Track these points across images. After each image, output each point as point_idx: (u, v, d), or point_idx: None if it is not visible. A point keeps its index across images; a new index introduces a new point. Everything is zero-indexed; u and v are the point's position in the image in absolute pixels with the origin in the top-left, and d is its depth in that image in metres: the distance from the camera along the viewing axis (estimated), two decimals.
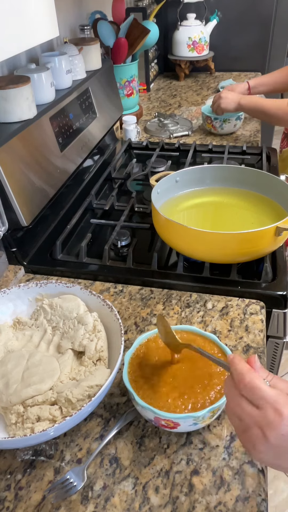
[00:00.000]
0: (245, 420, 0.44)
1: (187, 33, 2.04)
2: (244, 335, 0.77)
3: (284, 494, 1.50)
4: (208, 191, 1.04)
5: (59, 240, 0.96)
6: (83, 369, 0.67)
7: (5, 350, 0.71)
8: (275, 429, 0.42)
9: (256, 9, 2.10)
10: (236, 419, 0.46)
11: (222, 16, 2.08)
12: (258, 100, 1.40)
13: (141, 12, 1.77)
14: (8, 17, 0.63)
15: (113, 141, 1.48)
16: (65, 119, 1.09)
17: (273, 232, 0.79)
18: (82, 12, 1.50)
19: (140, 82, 1.98)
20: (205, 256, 0.86)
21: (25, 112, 0.92)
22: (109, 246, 0.94)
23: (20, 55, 1.12)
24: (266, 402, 0.43)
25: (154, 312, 0.82)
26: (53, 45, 1.27)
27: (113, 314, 0.69)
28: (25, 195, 0.89)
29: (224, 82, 2.00)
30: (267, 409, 0.43)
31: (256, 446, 0.43)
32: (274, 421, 0.42)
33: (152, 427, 0.63)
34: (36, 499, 0.56)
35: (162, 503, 0.55)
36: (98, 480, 0.58)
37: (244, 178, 1.01)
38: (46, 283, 0.76)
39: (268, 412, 0.42)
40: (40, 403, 0.61)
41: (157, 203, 0.91)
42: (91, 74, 1.27)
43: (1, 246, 0.91)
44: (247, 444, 0.44)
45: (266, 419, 0.42)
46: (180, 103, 1.87)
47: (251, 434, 0.43)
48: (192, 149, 1.35)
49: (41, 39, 0.73)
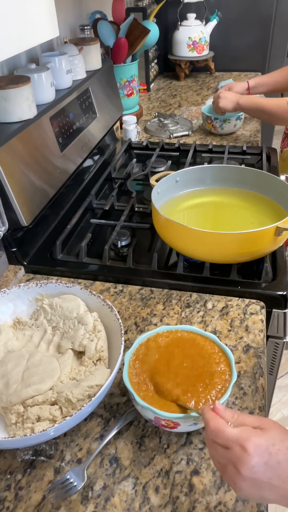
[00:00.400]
0: (221, 461, 0.48)
1: (187, 33, 2.04)
2: (244, 335, 0.77)
3: None
4: (208, 191, 1.04)
5: (59, 240, 0.96)
6: (83, 369, 0.67)
7: (5, 350, 0.71)
8: (245, 463, 0.45)
9: (256, 9, 2.10)
10: (216, 462, 0.49)
11: (222, 16, 2.08)
12: (257, 99, 1.40)
13: (141, 12, 1.77)
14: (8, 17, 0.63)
15: (113, 141, 1.48)
16: (65, 119, 1.09)
17: (273, 232, 0.79)
18: (82, 12, 1.50)
19: (140, 82, 1.98)
20: (205, 256, 0.86)
21: (25, 112, 0.92)
22: (109, 246, 0.94)
23: (20, 55, 1.12)
24: (231, 441, 0.47)
25: (154, 312, 0.82)
26: (53, 45, 1.27)
27: (113, 314, 0.69)
28: (25, 195, 0.89)
29: (224, 82, 2.00)
30: (234, 448, 0.46)
31: (235, 482, 0.46)
32: (242, 456, 0.45)
33: (152, 427, 0.63)
34: (36, 499, 0.56)
35: (162, 503, 0.55)
36: (98, 480, 0.58)
37: (244, 178, 1.01)
38: (46, 283, 0.76)
39: (235, 450, 0.46)
40: (40, 403, 0.61)
41: (157, 203, 0.91)
42: (91, 74, 1.27)
43: (1, 246, 0.91)
44: (229, 482, 0.48)
45: (235, 456, 0.46)
46: (180, 103, 1.87)
47: (228, 472, 0.47)
48: (192, 149, 1.35)
49: (41, 39, 0.73)
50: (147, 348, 0.66)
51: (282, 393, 1.80)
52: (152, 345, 0.66)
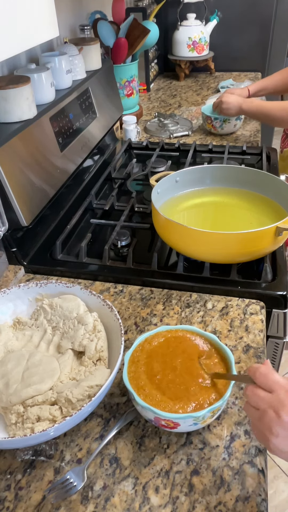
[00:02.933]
0: (261, 406, 0.48)
1: (187, 33, 2.04)
2: (244, 335, 0.77)
3: (284, 494, 1.50)
4: (208, 191, 1.04)
5: (59, 240, 0.96)
6: (83, 369, 0.67)
7: (5, 350, 0.71)
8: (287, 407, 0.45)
9: (256, 9, 2.10)
10: (253, 410, 0.50)
11: (222, 16, 2.08)
12: (260, 103, 1.39)
13: (141, 12, 1.77)
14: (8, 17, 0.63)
15: (113, 141, 1.48)
16: (65, 119, 1.09)
17: (273, 232, 0.79)
18: (82, 12, 1.50)
19: (140, 82, 1.98)
20: (205, 256, 0.86)
21: (25, 112, 0.92)
22: (109, 246, 0.94)
23: (20, 55, 1.12)
24: (279, 385, 0.47)
25: (154, 312, 0.82)
26: (53, 45, 1.27)
27: (113, 314, 0.69)
28: (25, 195, 0.89)
29: (224, 82, 2.00)
30: (280, 391, 0.47)
31: (272, 428, 0.46)
32: (285, 400, 0.46)
33: (152, 427, 0.63)
34: (36, 499, 0.56)
35: (162, 503, 0.55)
36: (98, 480, 0.58)
37: (244, 178, 1.01)
38: (46, 283, 0.76)
39: (280, 393, 0.47)
40: (40, 403, 0.61)
41: (157, 203, 0.91)
42: (91, 74, 1.27)
43: (1, 246, 0.91)
44: (264, 430, 0.47)
45: (279, 399, 0.46)
46: (180, 103, 1.87)
47: (267, 418, 0.47)
48: (192, 149, 1.35)
49: (41, 39, 0.73)
50: (147, 348, 0.66)
51: None
52: (152, 345, 0.66)
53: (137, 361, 0.64)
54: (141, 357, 0.65)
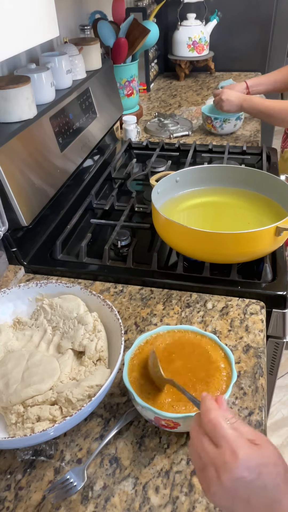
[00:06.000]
0: (203, 458, 0.44)
1: (187, 33, 2.04)
2: (244, 335, 0.77)
3: None
4: (208, 191, 1.04)
5: (59, 240, 0.96)
6: (83, 369, 0.67)
7: (5, 350, 0.71)
8: (229, 472, 0.41)
9: (256, 9, 2.10)
10: (196, 456, 0.45)
11: (222, 16, 2.08)
12: (260, 101, 1.39)
13: (141, 12, 1.77)
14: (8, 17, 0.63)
15: (113, 141, 1.48)
16: (65, 119, 1.09)
17: (273, 232, 0.79)
18: (82, 12, 1.50)
19: (140, 82, 1.98)
20: (205, 256, 0.86)
21: (25, 112, 0.92)
22: (109, 246, 0.94)
23: (20, 55, 1.12)
24: (225, 441, 0.43)
25: (154, 312, 0.82)
26: (53, 45, 1.27)
27: (113, 314, 0.69)
28: (25, 195, 0.89)
29: (224, 82, 2.00)
30: (225, 449, 0.42)
31: (210, 487, 0.43)
32: (229, 463, 0.41)
33: (152, 427, 0.63)
34: (36, 499, 0.56)
35: (162, 503, 0.55)
36: (98, 480, 0.58)
37: (244, 178, 1.01)
38: (46, 283, 0.76)
39: (225, 452, 0.42)
40: (40, 403, 0.61)
41: (157, 203, 0.91)
42: (91, 74, 1.27)
43: (1, 246, 0.91)
44: (202, 483, 0.44)
45: (222, 459, 0.42)
46: (180, 103, 1.87)
47: (207, 474, 0.43)
48: (192, 149, 1.35)
49: (41, 39, 0.73)
50: (147, 348, 0.66)
51: (282, 393, 1.80)
52: (152, 345, 0.66)
53: (137, 361, 0.64)
54: (141, 357, 0.65)
